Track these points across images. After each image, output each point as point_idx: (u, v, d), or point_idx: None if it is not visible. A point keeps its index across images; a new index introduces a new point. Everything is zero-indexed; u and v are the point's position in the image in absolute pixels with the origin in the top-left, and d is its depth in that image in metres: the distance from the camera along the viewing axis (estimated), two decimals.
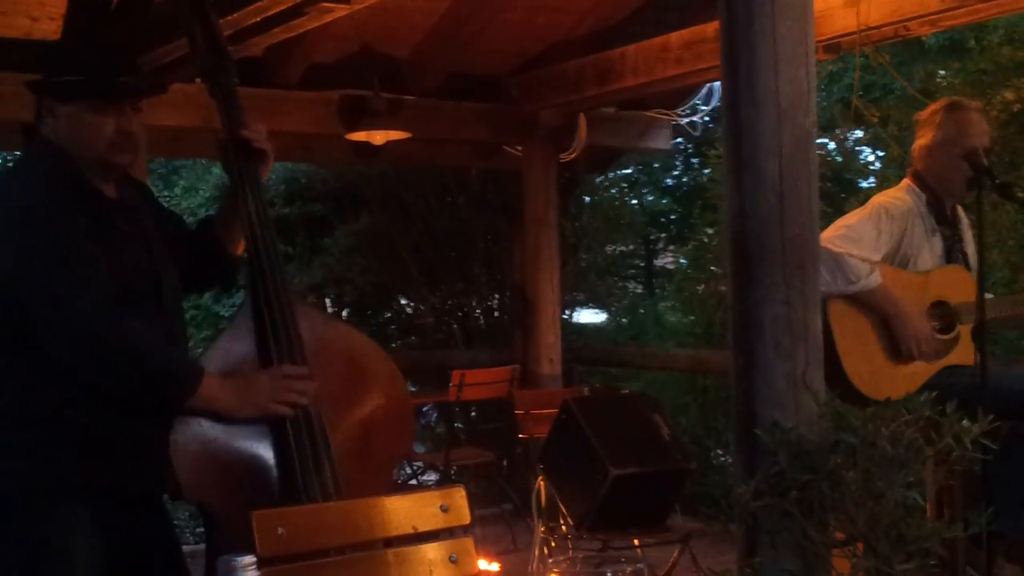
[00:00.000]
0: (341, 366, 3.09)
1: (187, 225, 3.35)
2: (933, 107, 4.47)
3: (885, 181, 8.23)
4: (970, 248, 4.46)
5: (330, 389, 2.97)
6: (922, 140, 4.42)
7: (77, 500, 2.82)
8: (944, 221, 4.41)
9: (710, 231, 10.35)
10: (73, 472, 2.82)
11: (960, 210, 4.54)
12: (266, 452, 2.88)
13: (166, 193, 15.13)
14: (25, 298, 2.74)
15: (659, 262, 18.86)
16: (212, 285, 3.54)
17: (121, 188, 3.02)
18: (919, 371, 4.25)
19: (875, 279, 4.17)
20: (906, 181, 4.46)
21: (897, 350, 4.24)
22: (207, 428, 2.82)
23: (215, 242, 3.21)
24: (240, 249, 3.14)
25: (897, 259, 4.30)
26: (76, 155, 2.90)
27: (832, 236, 4.16)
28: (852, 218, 4.31)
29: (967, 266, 4.41)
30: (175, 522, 3.33)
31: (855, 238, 4.18)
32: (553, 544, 5.48)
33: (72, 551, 2.81)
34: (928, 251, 4.35)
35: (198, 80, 3.20)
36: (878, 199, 4.38)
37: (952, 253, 4.41)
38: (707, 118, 8.48)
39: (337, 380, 3.03)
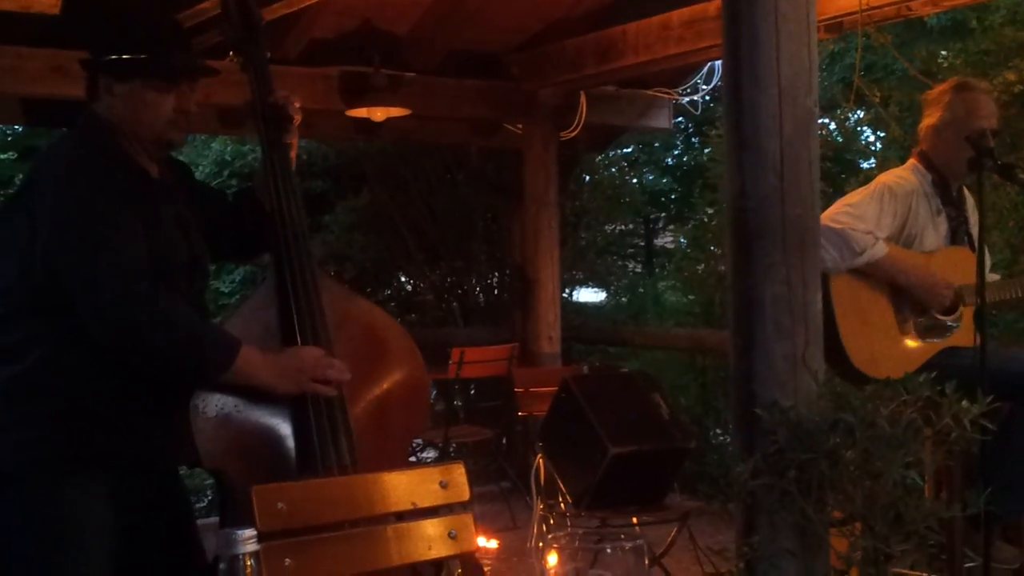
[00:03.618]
0: (361, 341, 3.10)
1: (227, 196, 3.37)
2: (942, 87, 4.45)
3: (886, 162, 8.23)
4: (975, 230, 4.44)
5: (349, 364, 2.97)
6: (929, 120, 4.40)
7: (92, 472, 2.83)
8: (950, 202, 4.39)
9: (710, 211, 10.34)
10: (89, 444, 2.82)
11: (966, 191, 4.52)
12: (285, 423, 2.89)
13: None
14: (63, 266, 2.75)
15: (659, 241, 18.89)
16: (259, 252, 3.54)
17: (164, 169, 3.03)
18: (919, 350, 4.25)
19: (881, 249, 4.16)
20: (911, 161, 4.45)
21: (905, 321, 4.23)
22: (229, 396, 2.81)
23: (258, 207, 3.19)
24: None
25: (902, 239, 4.29)
26: (129, 133, 2.91)
27: (834, 214, 4.16)
28: (855, 196, 4.30)
29: (972, 248, 4.39)
30: None
31: (858, 216, 4.18)
32: (552, 521, 5.50)
33: (85, 522, 2.82)
34: (933, 231, 4.34)
35: (231, 55, 3.18)
36: (883, 178, 4.37)
37: (957, 234, 4.40)
38: (708, 97, 8.46)
39: (357, 355, 3.03)
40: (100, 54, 2.92)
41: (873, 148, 11.99)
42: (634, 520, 5.04)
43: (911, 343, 4.27)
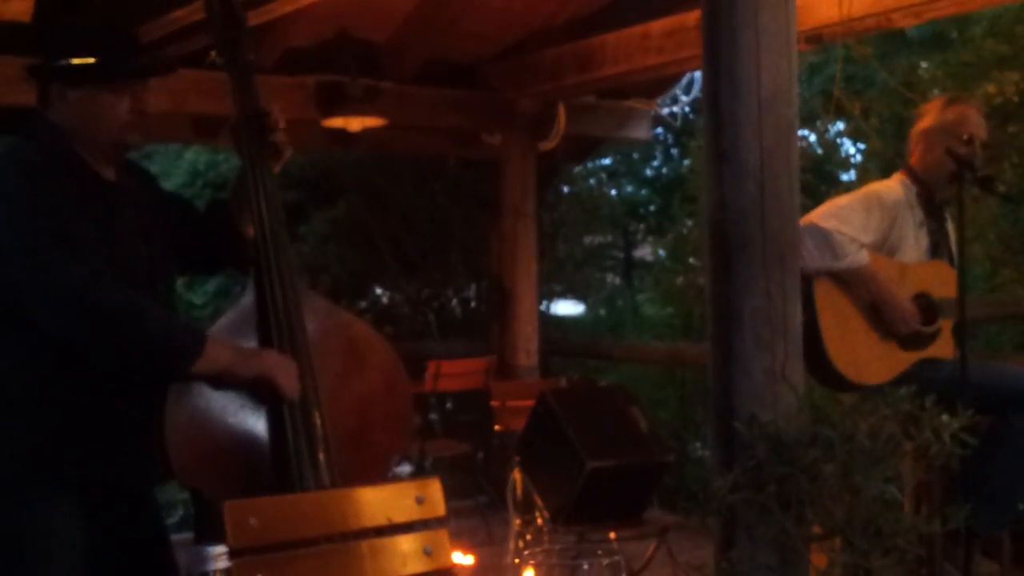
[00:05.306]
0: (342, 356, 3.05)
1: (196, 208, 3.31)
2: (938, 98, 4.56)
3: (866, 173, 8.25)
4: (956, 248, 4.46)
5: (330, 379, 2.93)
6: (920, 124, 4.45)
7: (59, 490, 2.78)
8: (932, 215, 4.41)
9: (689, 222, 10.37)
10: (54, 462, 2.77)
11: (946, 211, 4.55)
12: (262, 439, 2.84)
13: None
14: (18, 271, 2.70)
15: (637, 253, 18.90)
16: (225, 266, 3.47)
17: (121, 173, 2.98)
18: (900, 357, 4.24)
19: (863, 257, 4.17)
20: (899, 174, 4.48)
21: (883, 330, 4.23)
22: (203, 411, 2.77)
23: (228, 222, 3.15)
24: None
25: (884, 248, 4.29)
26: (86, 138, 2.87)
27: (822, 214, 4.17)
28: (843, 200, 4.32)
29: (951, 263, 4.40)
30: None
31: (845, 218, 4.19)
32: (529, 537, 5.45)
33: (51, 541, 2.77)
34: (914, 243, 4.35)
35: (212, 54, 3.14)
36: (873, 186, 4.42)
37: (939, 248, 4.42)
38: (688, 108, 8.48)
39: (337, 370, 2.99)
40: (50, 60, 2.88)
41: (853, 160, 12.04)
42: (612, 535, 5.00)
43: (892, 349, 4.26)
